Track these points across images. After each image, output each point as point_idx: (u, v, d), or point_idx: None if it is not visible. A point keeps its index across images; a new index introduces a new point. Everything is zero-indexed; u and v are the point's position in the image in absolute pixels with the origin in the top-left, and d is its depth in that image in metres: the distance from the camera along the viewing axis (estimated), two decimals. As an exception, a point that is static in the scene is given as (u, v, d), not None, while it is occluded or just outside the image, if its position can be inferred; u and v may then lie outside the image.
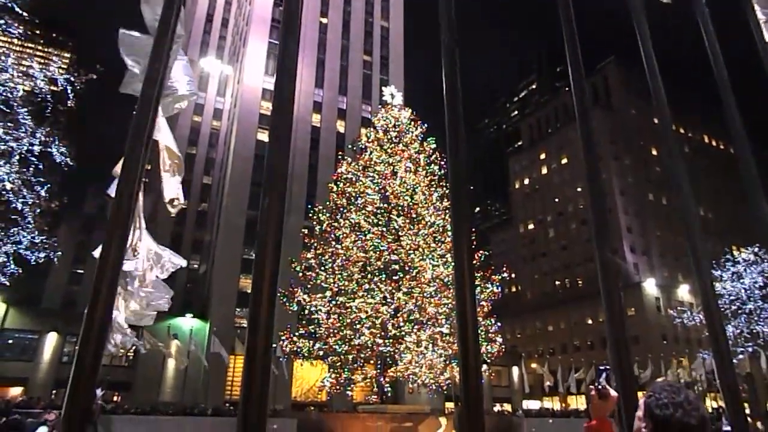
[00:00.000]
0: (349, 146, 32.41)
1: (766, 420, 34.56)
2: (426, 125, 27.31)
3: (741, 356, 35.79)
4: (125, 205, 3.01)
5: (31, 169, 20.64)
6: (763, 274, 39.38)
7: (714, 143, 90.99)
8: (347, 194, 24.70)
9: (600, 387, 2.50)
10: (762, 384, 46.18)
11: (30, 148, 20.27)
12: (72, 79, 20.70)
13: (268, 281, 2.77)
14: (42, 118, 20.76)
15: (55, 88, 20.65)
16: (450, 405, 34.43)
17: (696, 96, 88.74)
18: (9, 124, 19.77)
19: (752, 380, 37.31)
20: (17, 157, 20.24)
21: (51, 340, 38.16)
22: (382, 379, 22.54)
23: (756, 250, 40.00)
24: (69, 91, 20.70)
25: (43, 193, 21.19)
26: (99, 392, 2.98)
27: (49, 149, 20.56)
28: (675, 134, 5.10)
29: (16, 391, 35.99)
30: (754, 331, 39.14)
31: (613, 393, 2.52)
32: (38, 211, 21.73)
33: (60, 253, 24.11)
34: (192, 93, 5.79)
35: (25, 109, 20.20)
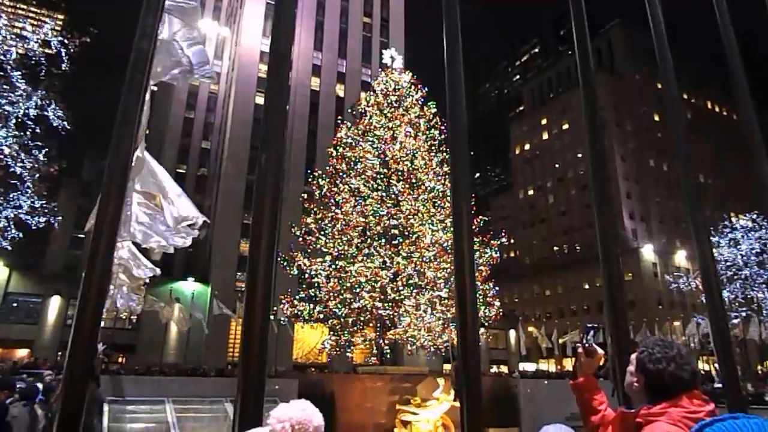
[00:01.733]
0: (349, 110, 32.09)
1: (756, 382, 35.37)
2: (426, 89, 26.99)
3: (735, 321, 36.34)
4: (121, 163, 2.95)
5: (28, 133, 20.50)
6: (760, 240, 39.62)
7: (716, 109, 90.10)
8: (347, 159, 24.61)
9: (587, 345, 2.55)
10: (754, 348, 47.05)
11: (26, 111, 20.09)
12: (66, 41, 20.34)
13: (267, 234, 2.78)
14: (37, 81, 20.51)
15: (49, 51, 20.33)
16: (448, 366, 35.19)
17: (698, 60, 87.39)
18: (4, 86, 19.53)
19: (744, 344, 38.01)
20: (14, 121, 20.08)
21: (55, 303, 38.67)
22: (381, 341, 22.94)
23: (754, 216, 40.12)
24: (63, 54, 20.38)
25: (41, 157, 21.11)
26: (100, 347, 3.03)
27: (45, 113, 20.38)
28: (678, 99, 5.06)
29: (22, 353, 36.69)
30: (749, 296, 39.64)
31: (599, 351, 2.57)
32: (37, 175, 21.69)
33: (60, 218, 24.16)
34: (206, 75, 5.62)
35: (19, 72, 19.92)
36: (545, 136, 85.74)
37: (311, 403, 1.81)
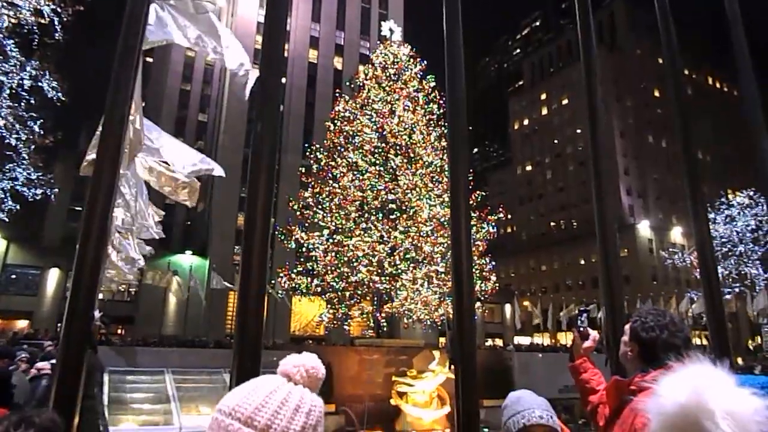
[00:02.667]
0: (347, 83, 31.75)
1: (746, 356, 35.98)
2: (425, 62, 26.69)
3: (728, 296, 36.76)
4: (115, 132, 2.92)
5: (23, 104, 20.30)
6: (756, 217, 39.80)
7: (717, 85, 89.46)
8: (344, 133, 24.45)
9: (581, 329, 2.60)
10: (745, 323, 47.70)
11: (20, 82, 19.86)
12: (58, 9, 19.98)
13: (262, 206, 2.78)
14: (31, 51, 20.22)
15: (42, 21, 19.97)
16: (444, 340, 35.64)
17: (699, 35, 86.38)
18: (-3, 56, 19.27)
19: (736, 318, 38.56)
20: (8, 92, 19.87)
21: (53, 275, 38.85)
22: (378, 314, 23.19)
23: (751, 193, 40.21)
24: (56, 23, 20.04)
25: (36, 128, 20.96)
26: (97, 314, 3.05)
27: (39, 84, 20.16)
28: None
29: (22, 324, 37.02)
30: (743, 272, 40.03)
31: (594, 333, 2.62)
32: (32, 147, 21.57)
33: (57, 189, 24.11)
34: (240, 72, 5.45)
35: (12, 41, 19.62)
36: (544, 111, 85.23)
37: None
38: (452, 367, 2.96)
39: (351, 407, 23.79)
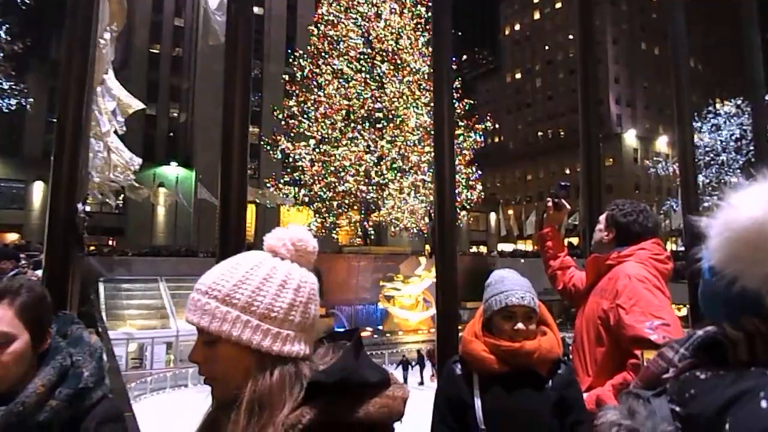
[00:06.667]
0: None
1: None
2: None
3: (706, 204, 37.67)
4: (81, 33, 2.81)
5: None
6: (741, 126, 39.85)
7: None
8: (329, 38, 23.55)
9: (556, 200, 2.74)
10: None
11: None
12: None
13: (240, 105, 2.77)
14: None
15: None
16: (429, 247, 36.67)
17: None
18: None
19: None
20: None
21: (38, 188, 38.51)
22: (365, 223, 23.65)
23: (739, 102, 39.96)
24: None
25: (2, 34, 19.93)
26: (80, 206, 3.03)
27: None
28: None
29: (12, 237, 37.19)
30: (723, 181, 40.73)
31: (567, 206, 2.77)
32: (1, 54, 20.63)
33: (32, 99, 23.33)
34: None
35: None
36: (537, 15, 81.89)
37: None
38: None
39: (341, 311, 24.90)
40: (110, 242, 38.29)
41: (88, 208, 3.02)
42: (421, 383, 19.11)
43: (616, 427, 0.71)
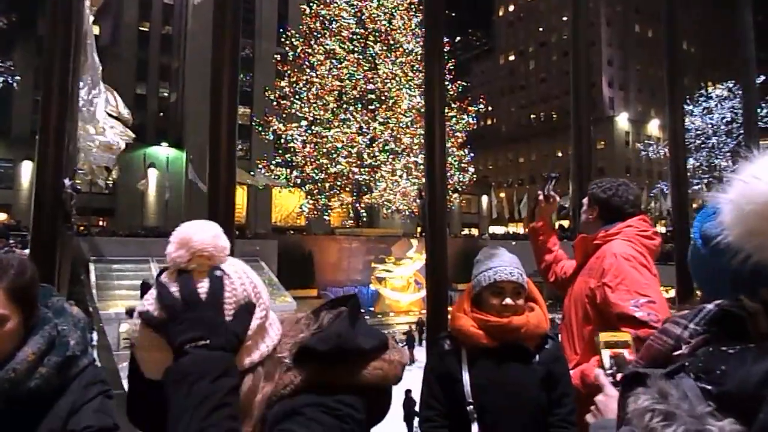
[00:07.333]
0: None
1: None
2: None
3: (696, 187, 37.95)
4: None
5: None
6: (733, 109, 40.00)
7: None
8: (321, 17, 23.26)
9: (546, 192, 2.75)
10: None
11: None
12: None
13: (228, 85, 2.76)
14: None
15: None
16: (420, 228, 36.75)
17: None
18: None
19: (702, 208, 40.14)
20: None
21: (27, 168, 38.07)
22: (357, 205, 23.65)
23: (730, 85, 40.04)
24: None
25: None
26: (67, 182, 2.97)
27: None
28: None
29: (1, 217, 36.84)
30: (713, 164, 41.02)
31: (557, 198, 2.79)
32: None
33: (19, 78, 22.96)
34: None
35: None
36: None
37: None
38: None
39: (333, 292, 25.01)
40: (101, 223, 38.08)
41: (78, 187, 2.99)
42: (412, 362, 19.13)
43: (650, 413, 0.66)
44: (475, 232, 51.84)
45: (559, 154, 68.90)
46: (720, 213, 0.73)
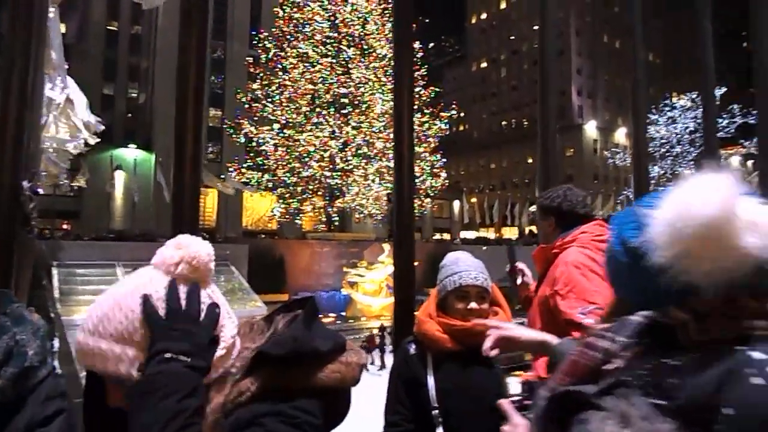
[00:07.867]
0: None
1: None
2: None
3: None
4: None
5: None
6: (696, 119, 41.36)
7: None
8: (294, 21, 23.17)
9: (514, 275, 2.45)
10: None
11: None
12: None
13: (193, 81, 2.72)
14: None
15: None
16: (394, 234, 36.83)
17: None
18: None
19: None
20: None
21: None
22: (329, 209, 23.57)
23: (694, 96, 41.41)
24: None
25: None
26: (26, 183, 2.87)
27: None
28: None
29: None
30: (677, 172, 42.31)
31: (525, 271, 2.47)
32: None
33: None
34: None
35: None
36: (503, 5, 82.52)
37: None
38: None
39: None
40: (64, 226, 36.99)
41: (40, 191, 2.90)
42: (382, 367, 18.89)
43: None
44: (446, 236, 52.20)
45: (530, 161, 70.05)
46: (648, 228, 0.71)
